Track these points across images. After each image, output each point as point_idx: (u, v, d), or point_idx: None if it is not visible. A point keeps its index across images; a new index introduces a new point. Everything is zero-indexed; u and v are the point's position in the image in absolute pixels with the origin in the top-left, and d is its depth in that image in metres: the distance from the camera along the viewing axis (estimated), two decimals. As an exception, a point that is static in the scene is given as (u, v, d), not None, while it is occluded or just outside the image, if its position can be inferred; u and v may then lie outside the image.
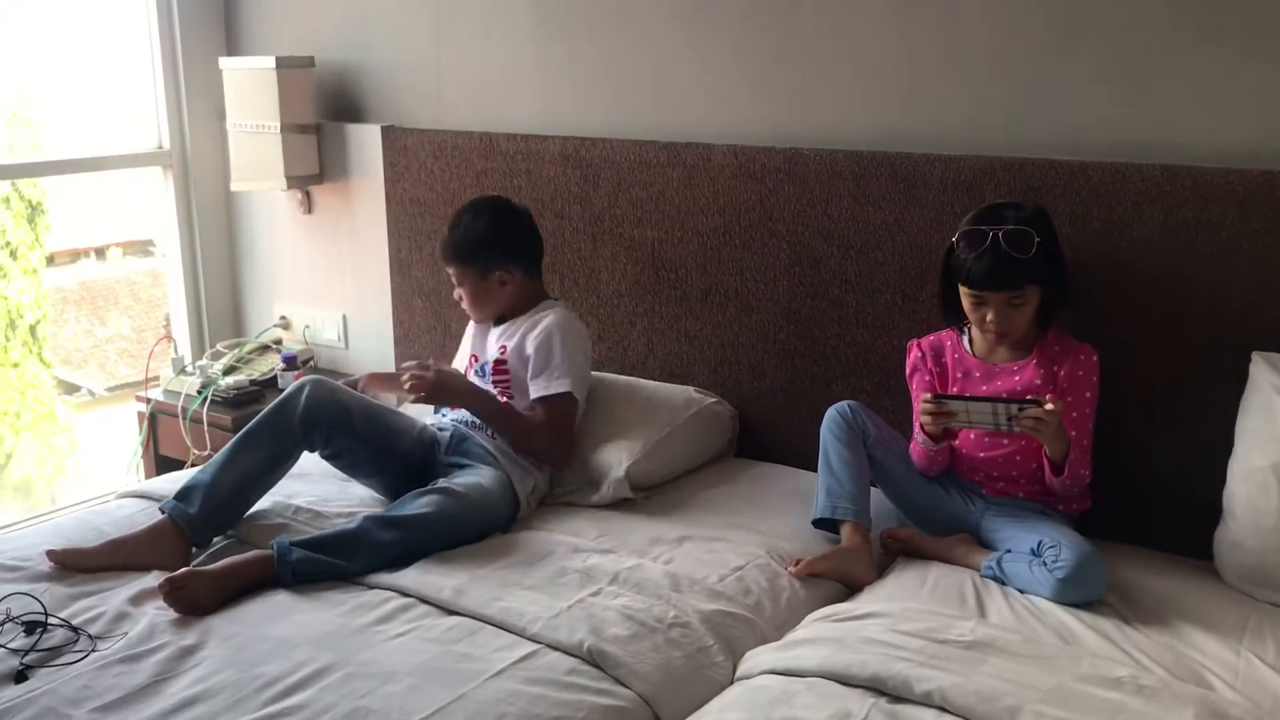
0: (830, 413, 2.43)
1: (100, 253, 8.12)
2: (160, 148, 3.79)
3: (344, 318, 3.70)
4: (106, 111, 4.58)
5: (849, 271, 2.68)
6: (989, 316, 2.26)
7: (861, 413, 2.42)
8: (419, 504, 2.26)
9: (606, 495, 2.55)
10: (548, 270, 3.16)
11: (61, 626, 1.98)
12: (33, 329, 7.16)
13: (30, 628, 1.96)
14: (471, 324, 2.89)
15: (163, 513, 2.30)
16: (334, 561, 2.14)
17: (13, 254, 7.00)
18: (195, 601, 2.04)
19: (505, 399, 2.65)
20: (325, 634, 1.96)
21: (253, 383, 3.49)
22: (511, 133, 3.18)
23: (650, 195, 2.95)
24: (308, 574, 2.13)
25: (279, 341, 3.78)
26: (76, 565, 2.20)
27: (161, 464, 3.57)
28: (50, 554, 2.20)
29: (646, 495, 2.61)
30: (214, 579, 2.08)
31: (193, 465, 3.35)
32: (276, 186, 3.53)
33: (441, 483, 2.36)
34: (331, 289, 3.72)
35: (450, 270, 2.75)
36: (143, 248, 7.72)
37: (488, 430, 2.59)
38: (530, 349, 2.62)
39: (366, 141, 3.49)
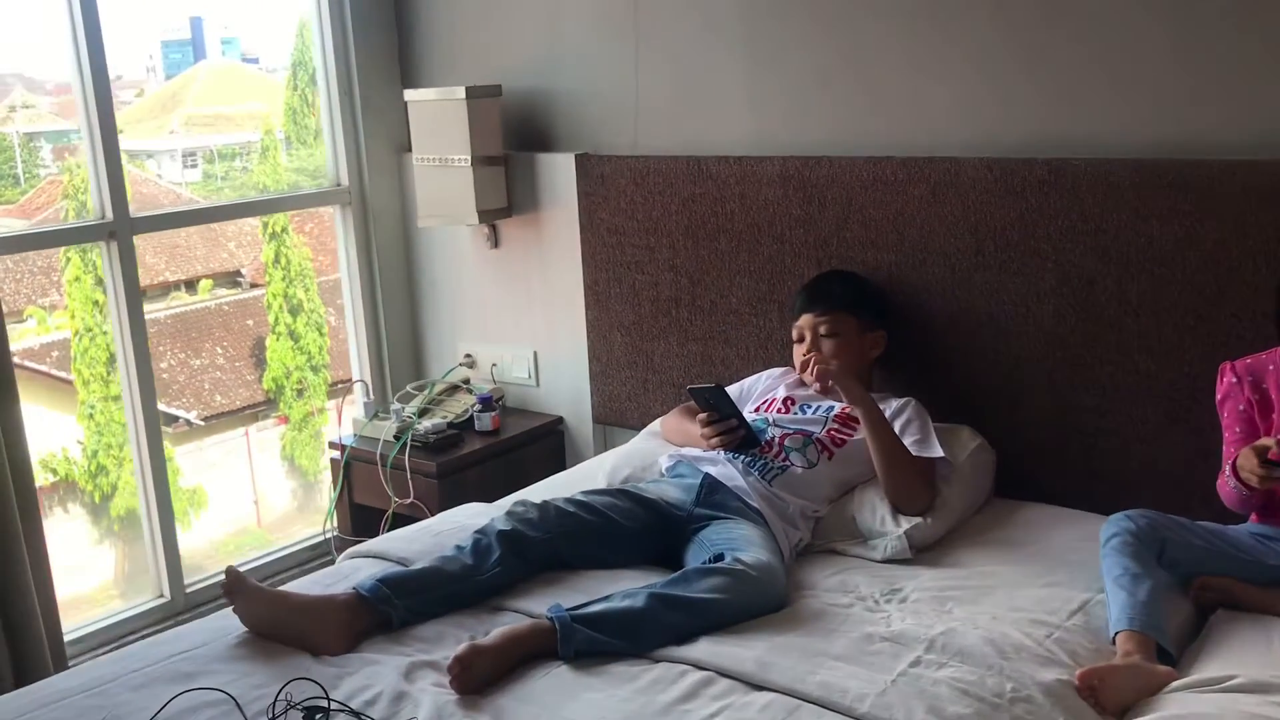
0: (1109, 527, 2.13)
1: (190, 285, 8.25)
2: (338, 185, 3.69)
3: (534, 354, 3.55)
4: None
5: (1129, 292, 2.44)
6: None
7: (1152, 524, 2.10)
8: (706, 585, 2.05)
9: (882, 553, 2.35)
10: (766, 298, 2.98)
11: (343, 711, 1.83)
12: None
13: (309, 714, 1.81)
14: (778, 372, 2.81)
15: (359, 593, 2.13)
16: (620, 644, 1.97)
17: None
18: (479, 679, 1.88)
19: (828, 452, 2.52)
20: (628, 716, 1.78)
21: (450, 425, 3.35)
22: (722, 155, 3.00)
23: (886, 216, 2.74)
24: (591, 654, 1.97)
25: (467, 381, 3.64)
26: (244, 599, 2.08)
27: (357, 513, 3.44)
28: (230, 571, 2.10)
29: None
30: (494, 654, 1.92)
31: (394, 513, 3.23)
32: (468, 221, 3.39)
33: (726, 556, 2.14)
34: (520, 325, 3.57)
35: (816, 317, 2.64)
36: (230, 279, 7.79)
37: (756, 476, 2.45)
38: (903, 417, 2.54)
39: (558, 171, 3.34)
